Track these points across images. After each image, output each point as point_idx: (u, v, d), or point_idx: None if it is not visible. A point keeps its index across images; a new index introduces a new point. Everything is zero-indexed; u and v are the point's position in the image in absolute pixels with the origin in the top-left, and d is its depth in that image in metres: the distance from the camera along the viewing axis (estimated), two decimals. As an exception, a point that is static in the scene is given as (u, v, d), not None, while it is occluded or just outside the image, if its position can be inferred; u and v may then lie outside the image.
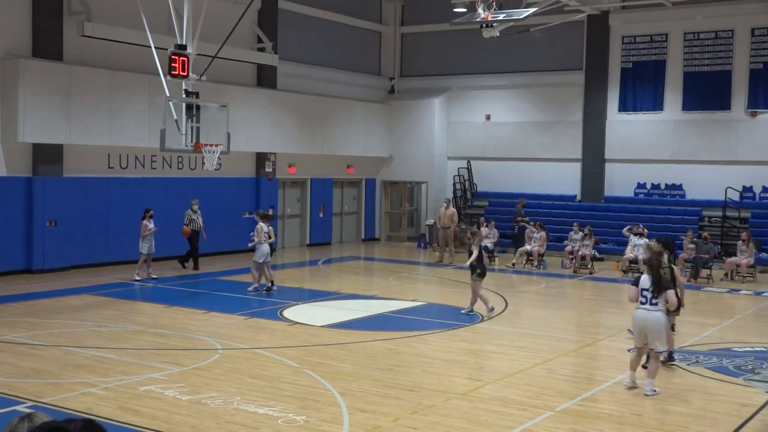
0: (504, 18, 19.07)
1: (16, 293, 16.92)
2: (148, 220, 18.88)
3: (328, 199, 28.41)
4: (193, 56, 15.23)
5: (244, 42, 23.84)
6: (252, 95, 24.28)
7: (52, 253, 19.71)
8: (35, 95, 18.70)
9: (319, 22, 27.84)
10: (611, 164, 27.21)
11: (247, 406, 9.24)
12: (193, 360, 11.46)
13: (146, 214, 19.01)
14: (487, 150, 29.10)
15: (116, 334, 13.15)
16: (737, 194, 24.96)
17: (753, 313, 16.74)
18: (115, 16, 20.09)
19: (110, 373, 10.66)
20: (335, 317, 15.14)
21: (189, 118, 15.17)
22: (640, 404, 9.82)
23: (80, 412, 8.77)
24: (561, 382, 10.66)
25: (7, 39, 18.86)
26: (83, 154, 20.43)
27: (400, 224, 30.75)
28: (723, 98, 25.40)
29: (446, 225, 24.37)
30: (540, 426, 8.82)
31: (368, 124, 28.98)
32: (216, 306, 15.91)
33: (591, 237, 22.79)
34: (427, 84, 30.37)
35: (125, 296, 16.90)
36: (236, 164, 24.36)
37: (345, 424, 8.66)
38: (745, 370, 11.49)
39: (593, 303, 18.44)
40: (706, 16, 25.49)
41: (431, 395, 9.89)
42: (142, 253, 18.82)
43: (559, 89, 28.00)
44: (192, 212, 20.83)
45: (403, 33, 31.17)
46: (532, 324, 14.70)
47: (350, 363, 11.48)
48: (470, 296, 15.42)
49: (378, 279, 21.16)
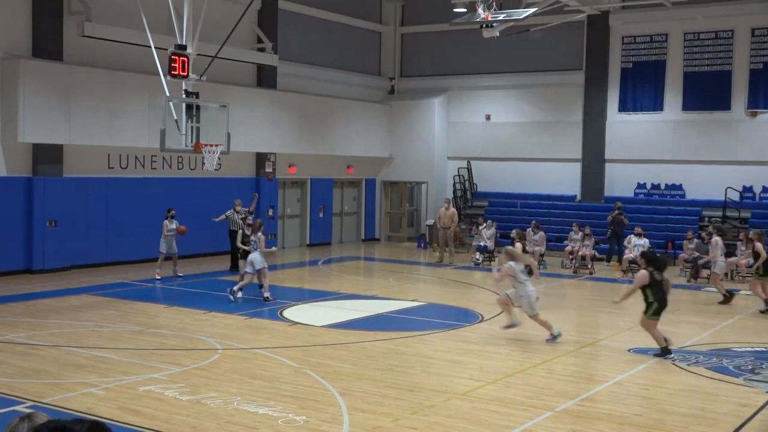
0: (504, 18, 19.07)
1: (16, 293, 16.92)
2: (169, 220, 19.20)
3: (328, 199, 28.40)
4: (193, 56, 15.22)
5: (244, 42, 23.84)
6: (252, 95, 24.28)
7: (52, 253, 19.71)
8: (35, 95, 18.70)
9: (319, 22, 27.84)
10: (611, 164, 27.21)
11: (247, 406, 9.24)
12: (193, 360, 11.46)
13: (167, 214, 19.37)
14: (487, 150, 29.10)
15: (116, 334, 13.15)
16: (737, 194, 24.96)
17: (753, 313, 16.73)
18: (115, 16, 20.09)
19: (110, 373, 10.66)
20: (335, 317, 15.13)
21: (189, 118, 15.16)
22: (640, 404, 9.82)
23: (80, 413, 8.77)
24: (561, 382, 10.66)
25: (7, 39, 18.87)
26: (83, 154, 20.43)
27: (400, 224, 30.75)
28: (723, 98, 25.40)
29: (446, 225, 24.37)
30: (540, 426, 8.82)
31: (368, 124, 28.98)
32: (216, 306, 15.91)
33: (591, 237, 22.79)
34: (427, 84, 30.37)
35: (125, 296, 16.90)
36: (236, 164, 24.36)
37: (345, 424, 8.66)
38: (745, 370, 11.49)
39: (593, 303, 18.44)
40: (706, 16, 25.48)
41: (431, 395, 9.89)
42: (161, 252, 19.13)
43: (559, 89, 28.00)
44: (234, 212, 20.81)
45: (403, 33, 31.17)
46: (532, 324, 14.68)
47: (350, 363, 11.48)
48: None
49: (378, 279, 21.15)
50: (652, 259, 12.51)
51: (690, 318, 16.15)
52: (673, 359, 12.05)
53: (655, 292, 12.18)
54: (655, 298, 12.17)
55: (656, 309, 12.20)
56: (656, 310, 12.21)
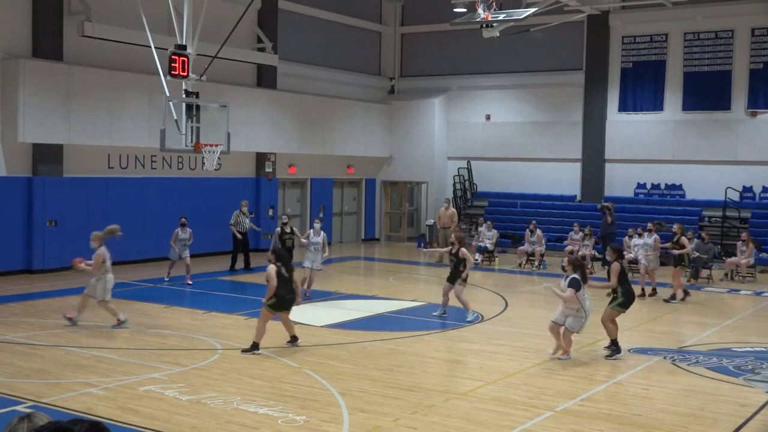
0: (504, 18, 19.07)
1: (16, 293, 16.93)
2: (181, 229, 18.68)
3: (328, 199, 28.40)
4: (193, 56, 15.22)
5: (244, 42, 23.83)
6: (252, 95, 24.28)
7: (52, 253, 19.70)
8: (35, 95, 18.70)
9: (319, 22, 27.85)
10: (611, 164, 27.21)
11: (247, 406, 9.23)
12: (193, 360, 11.46)
13: (179, 222, 18.89)
14: (487, 150, 29.10)
15: (116, 334, 13.15)
16: (737, 194, 24.97)
17: (753, 313, 16.74)
18: (115, 16, 20.09)
19: (110, 373, 10.66)
20: (335, 317, 15.14)
21: (189, 118, 15.15)
22: (640, 404, 9.82)
23: (80, 412, 8.77)
24: (561, 382, 10.66)
25: (7, 39, 18.87)
26: (83, 154, 20.43)
27: (400, 224, 30.75)
28: (723, 98, 25.41)
29: (446, 225, 24.36)
30: (540, 426, 8.82)
31: (368, 124, 28.98)
32: (216, 306, 15.91)
33: (590, 237, 22.78)
34: (427, 84, 30.37)
35: (125, 296, 16.88)
36: (236, 164, 24.36)
37: (345, 424, 8.66)
38: (745, 370, 11.49)
39: (593, 303, 18.39)
40: (706, 16, 25.49)
41: (431, 395, 9.89)
42: (169, 258, 18.80)
43: (559, 89, 28.00)
44: (241, 213, 20.88)
45: (403, 33, 31.17)
46: (532, 324, 14.68)
47: (350, 363, 11.48)
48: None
49: (378, 279, 21.15)
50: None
51: (690, 318, 16.14)
52: (674, 359, 12.05)
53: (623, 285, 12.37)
54: (623, 291, 12.33)
55: (622, 302, 12.37)
56: (622, 303, 12.38)
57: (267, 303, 11.89)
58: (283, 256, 12.35)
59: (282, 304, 11.93)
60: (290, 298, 12.03)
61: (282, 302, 11.92)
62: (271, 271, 11.83)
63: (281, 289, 11.84)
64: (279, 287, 11.82)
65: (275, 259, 12.04)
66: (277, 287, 11.80)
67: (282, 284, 11.85)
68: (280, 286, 11.83)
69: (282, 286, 11.85)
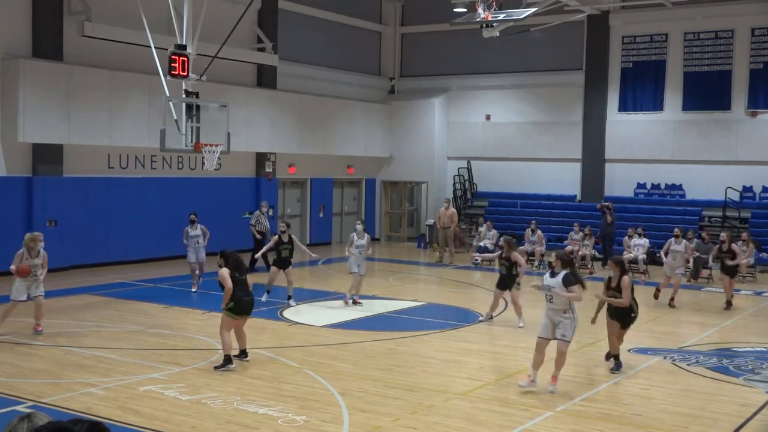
0: (504, 18, 19.06)
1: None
2: (191, 226, 17.53)
3: (328, 199, 28.40)
4: (193, 56, 15.22)
5: (244, 42, 23.83)
6: (252, 95, 24.27)
7: (52, 253, 19.58)
8: (35, 95, 18.70)
9: (319, 22, 27.84)
10: (611, 164, 27.21)
11: (247, 406, 9.24)
12: (193, 360, 11.46)
13: (189, 219, 17.74)
14: (487, 150, 29.10)
15: (116, 334, 13.15)
16: (737, 194, 24.97)
17: (753, 313, 16.74)
18: (115, 16, 20.09)
19: (110, 373, 10.66)
20: (335, 317, 15.14)
21: (189, 118, 15.15)
22: (640, 404, 9.82)
23: (80, 412, 8.77)
24: (561, 382, 10.65)
25: (7, 39, 18.86)
26: (83, 154, 20.43)
27: (400, 224, 30.74)
28: (723, 98, 25.41)
29: (446, 225, 24.37)
30: (540, 426, 8.82)
31: (368, 124, 28.98)
32: (216, 306, 15.84)
33: (591, 237, 22.79)
34: (427, 84, 30.37)
35: (125, 296, 16.89)
36: (236, 164, 24.36)
37: (345, 424, 8.66)
38: (745, 370, 11.49)
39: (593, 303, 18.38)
40: (706, 16, 25.49)
41: (431, 395, 9.89)
42: (189, 262, 17.55)
43: (559, 89, 28.00)
44: (260, 214, 20.87)
45: (403, 33, 31.17)
46: (532, 324, 14.67)
47: (350, 363, 11.48)
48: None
49: (378, 279, 21.13)
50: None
51: (690, 318, 16.14)
52: (674, 359, 12.05)
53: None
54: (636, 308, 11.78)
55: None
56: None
57: (225, 308, 11.13)
58: (233, 258, 11.36)
59: (241, 307, 11.19)
60: (248, 300, 11.32)
61: (241, 305, 11.17)
62: (224, 272, 11.06)
63: (238, 291, 11.10)
64: (236, 289, 11.06)
65: (224, 263, 11.23)
66: (234, 289, 11.06)
67: (238, 286, 11.10)
68: (237, 289, 11.08)
69: (239, 288, 11.11)
